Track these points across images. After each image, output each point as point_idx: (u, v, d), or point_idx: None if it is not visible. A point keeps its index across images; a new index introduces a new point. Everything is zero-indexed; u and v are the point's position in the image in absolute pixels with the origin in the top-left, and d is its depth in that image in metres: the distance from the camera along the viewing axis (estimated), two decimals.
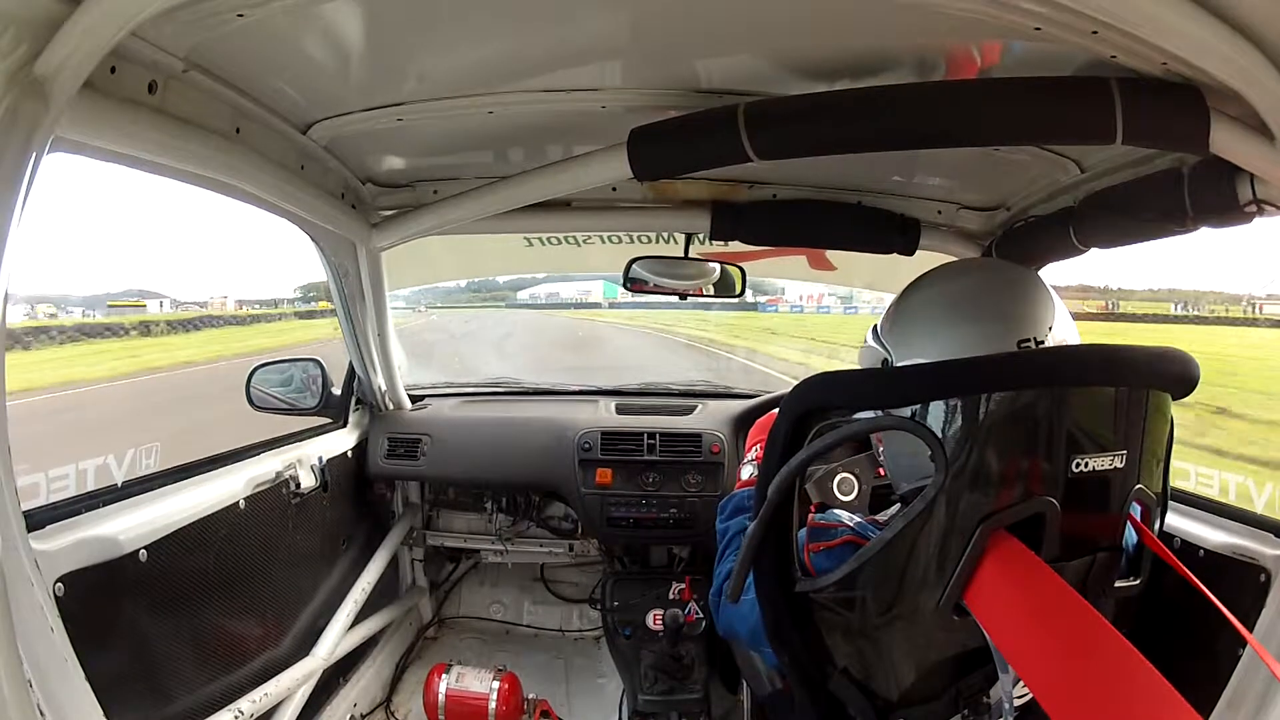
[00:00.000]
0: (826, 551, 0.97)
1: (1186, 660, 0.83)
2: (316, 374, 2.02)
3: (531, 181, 1.44)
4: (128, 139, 0.94)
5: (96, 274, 44.83)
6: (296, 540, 1.73)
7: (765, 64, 1.13)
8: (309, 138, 1.34)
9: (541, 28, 1.04)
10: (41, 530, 1.03)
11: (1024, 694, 0.97)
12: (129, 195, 33.49)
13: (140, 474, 1.33)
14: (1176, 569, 0.93)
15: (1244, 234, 1.21)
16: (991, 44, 1.01)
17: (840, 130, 1.08)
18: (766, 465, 0.98)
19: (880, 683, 0.97)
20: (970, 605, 0.87)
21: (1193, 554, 1.13)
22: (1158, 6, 0.76)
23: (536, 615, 2.53)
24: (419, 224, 1.65)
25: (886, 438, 1.02)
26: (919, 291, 1.06)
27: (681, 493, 2.04)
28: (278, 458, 1.69)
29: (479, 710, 1.90)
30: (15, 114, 0.72)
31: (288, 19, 0.94)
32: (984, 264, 1.07)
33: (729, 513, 1.24)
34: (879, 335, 1.05)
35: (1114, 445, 0.90)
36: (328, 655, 1.74)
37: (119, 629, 1.15)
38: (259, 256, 27.80)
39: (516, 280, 20.31)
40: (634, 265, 1.88)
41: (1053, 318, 0.95)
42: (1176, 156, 1.14)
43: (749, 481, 1.25)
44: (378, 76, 1.20)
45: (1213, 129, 0.91)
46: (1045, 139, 1.27)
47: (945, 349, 0.95)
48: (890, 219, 1.75)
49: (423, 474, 2.20)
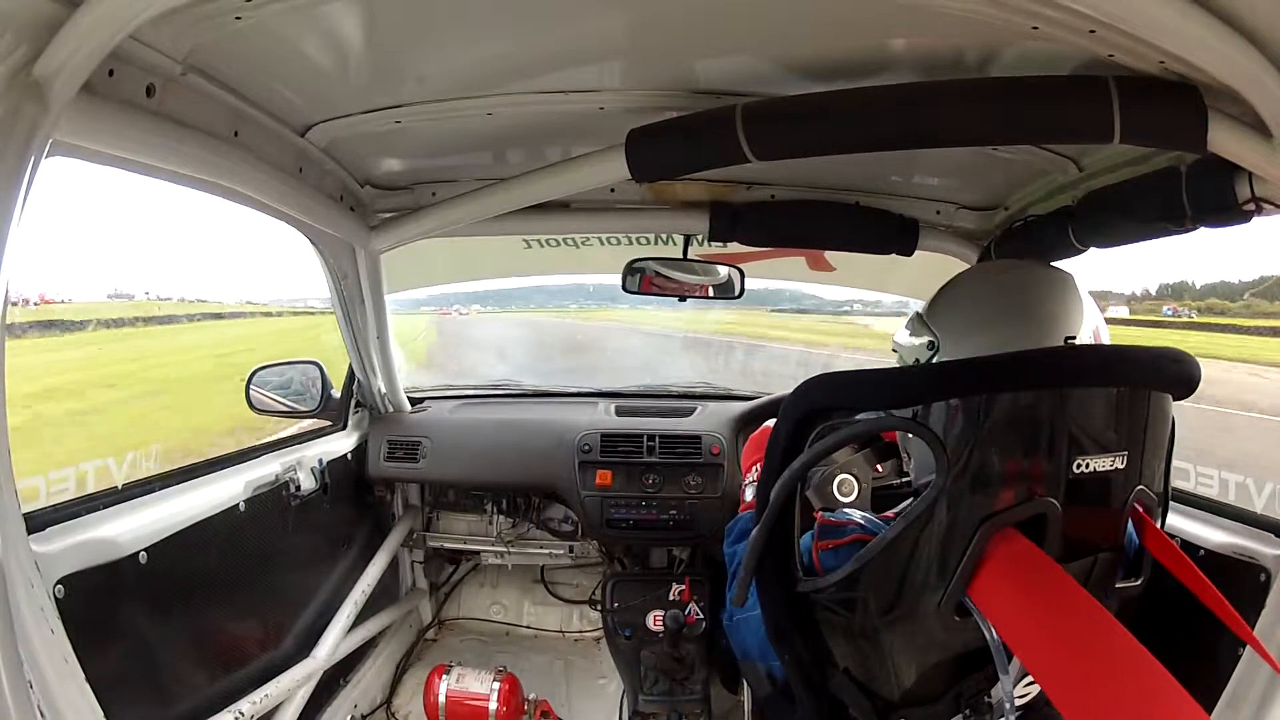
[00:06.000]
0: (835, 550, 0.97)
1: (1187, 659, 0.83)
2: (316, 376, 2.03)
3: (530, 183, 1.44)
4: (125, 142, 0.94)
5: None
6: (296, 542, 1.73)
7: (763, 64, 1.14)
8: (307, 140, 1.34)
9: (540, 29, 1.04)
10: (42, 532, 1.03)
11: (1025, 694, 0.97)
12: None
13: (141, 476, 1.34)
14: (1182, 570, 0.93)
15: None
16: (989, 43, 1.01)
17: (838, 130, 1.08)
18: (768, 467, 0.98)
19: (881, 683, 0.97)
20: (975, 603, 0.87)
21: (1193, 554, 1.13)
22: (1156, 6, 0.76)
23: (537, 616, 2.53)
24: (418, 226, 1.65)
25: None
26: (973, 284, 1.09)
27: (682, 494, 2.04)
28: (278, 460, 1.69)
29: (479, 711, 1.90)
30: (15, 116, 0.72)
31: (286, 21, 0.94)
32: (1028, 264, 1.12)
33: (735, 537, 1.24)
34: (925, 320, 1.07)
35: (1116, 446, 0.90)
36: (328, 657, 1.73)
37: (119, 631, 1.15)
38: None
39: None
40: (633, 267, 1.89)
41: (1085, 316, 0.98)
42: (1175, 155, 1.14)
43: (753, 504, 1.25)
44: (376, 79, 1.20)
45: (1211, 127, 0.91)
46: (1043, 138, 1.27)
47: (996, 342, 0.96)
48: (889, 219, 1.75)
49: (422, 476, 2.20)
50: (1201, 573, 0.92)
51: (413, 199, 1.71)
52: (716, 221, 1.74)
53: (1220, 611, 0.89)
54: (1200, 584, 0.92)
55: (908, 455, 1.09)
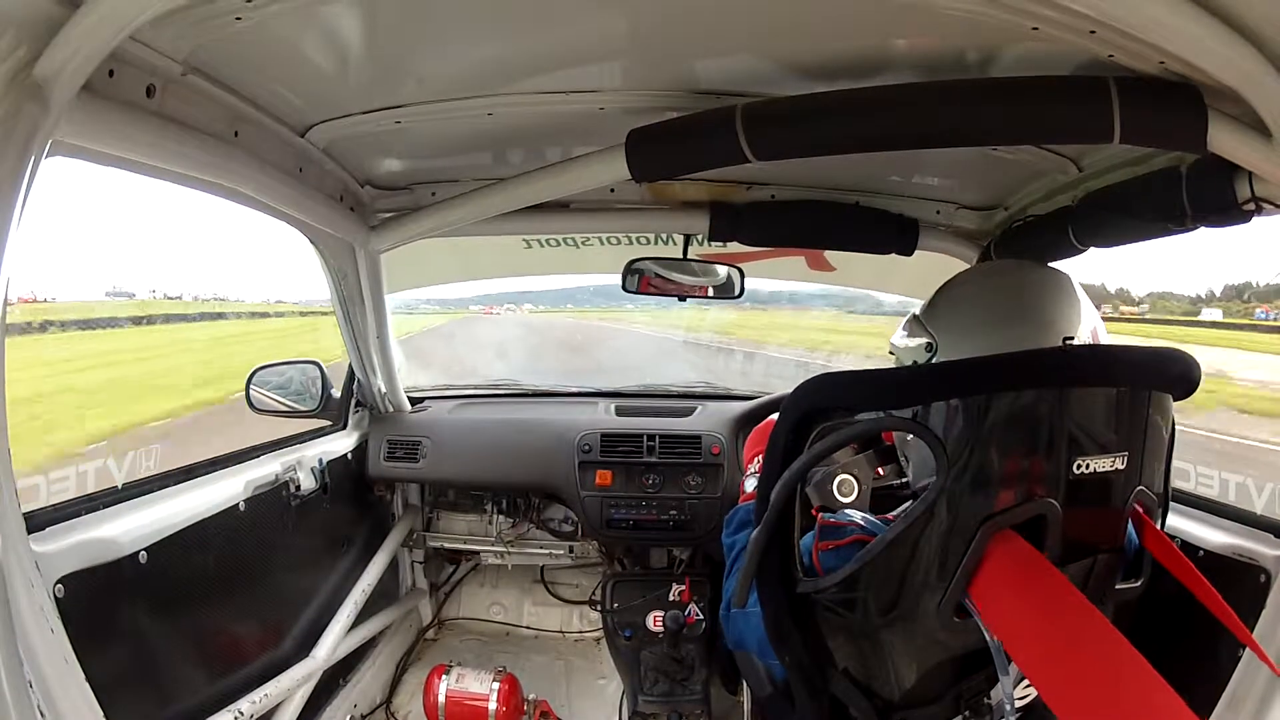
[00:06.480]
0: (835, 550, 0.97)
1: (1187, 660, 0.83)
2: (316, 376, 2.03)
3: (530, 183, 1.44)
4: (126, 142, 0.94)
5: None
6: (296, 542, 1.73)
7: (763, 64, 1.13)
8: (307, 140, 1.34)
9: (540, 29, 1.04)
10: (42, 532, 1.03)
11: (1025, 696, 0.97)
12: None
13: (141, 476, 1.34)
14: (1182, 571, 0.93)
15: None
16: (989, 44, 1.01)
17: (838, 131, 1.08)
18: (768, 468, 0.97)
19: (881, 684, 0.97)
20: (975, 604, 0.87)
21: (1192, 555, 1.13)
22: (1156, 6, 0.76)
23: (537, 617, 2.53)
24: (418, 226, 1.65)
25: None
26: (971, 285, 1.09)
27: (682, 494, 2.04)
28: (278, 460, 1.69)
29: (479, 711, 1.90)
30: (15, 117, 0.72)
31: (286, 22, 0.94)
32: (1025, 265, 1.12)
33: (734, 527, 1.24)
34: (923, 322, 1.07)
35: (1116, 446, 0.90)
36: (327, 656, 1.73)
37: (119, 630, 1.15)
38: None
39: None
40: (633, 267, 1.89)
41: (1082, 316, 0.99)
42: (1175, 155, 1.14)
43: (753, 495, 1.25)
44: (376, 79, 1.20)
45: (1210, 128, 0.91)
46: (1043, 138, 1.27)
47: (995, 344, 0.97)
48: (889, 219, 1.75)
49: (422, 476, 2.20)
50: (1201, 574, 0.92)
51: (412, 199, 1.71)
52: (716, 221, 1.74)
53: (1220, 613, 0.89)
54: (1200, 585, 0.92)
55: (906, 458, 1.08)
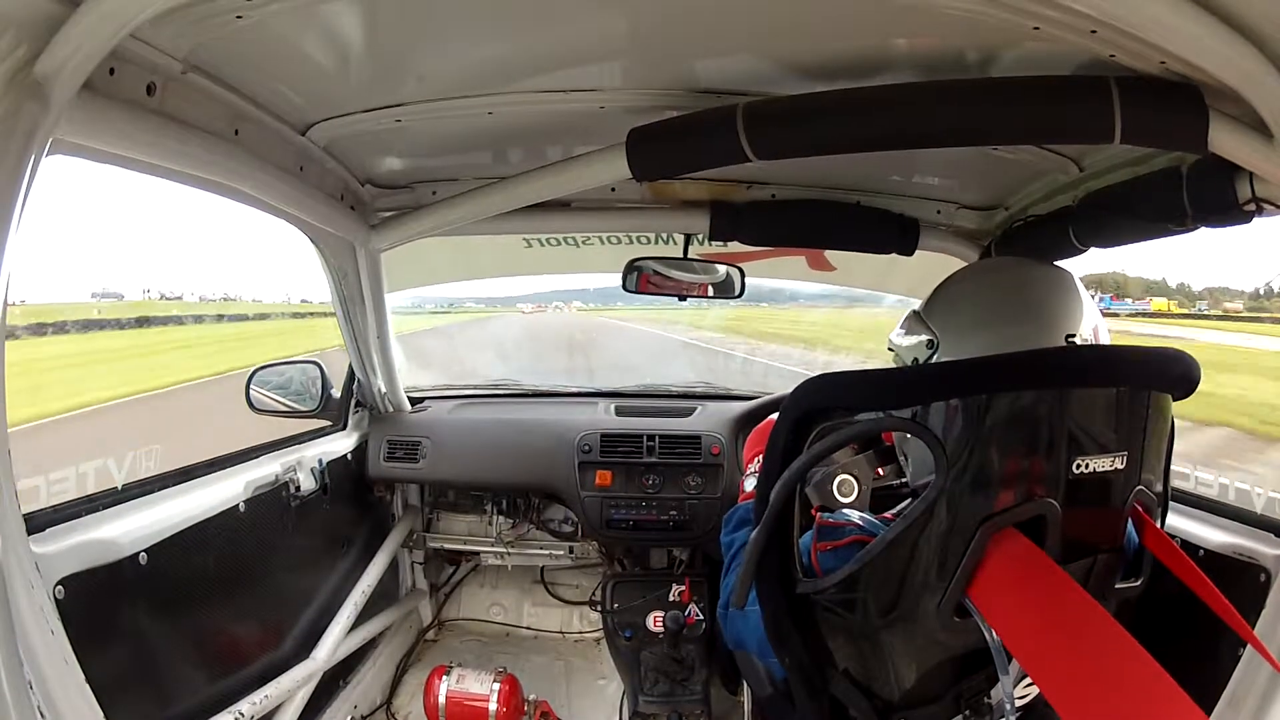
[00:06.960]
0: (834, 551, 0.97)
1: (1188, 659, 0.83)
2: (316, 376, 2.02)
3: (531, 182, 1.44)
4: (126, 141, 0.94)
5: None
6: (296, 543, 1.73)
7: (764, 64, 1.14)
8: (308, 139, 1.34)
9: (540, 28, 1.04)
10: (42, 533, 1.03)
11: (1025, 695, 0.97)
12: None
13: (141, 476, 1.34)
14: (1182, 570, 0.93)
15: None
16: (990, 43, 1.01)
17: (839, 130, 1.08)
18: (767, 468, 0.97)
19: (881, 684, 0.97)
20: (975, 603, 0.87)
21: (1193, 554, 1.13)
22: (1157, 6, 0.76)
23: (537, 617, 2.53)
24: (418, 225, 1.65)
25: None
26: (972, 282, 1.09)
27: (681, 495, 2.04)
28: (277, 460, 1.68)
29: (479, 712, 1.90)
30: (15, 115, 0.72)
31: (287, 20, 0.94)
32: (1025, 262, 1.12)
33: (733, 525, 1.24)
34: (923, 318, 1.07)
35: (1115, 446, 0.90)
36: (327, 657, 1.73)
37: (119, 631, 1.15)
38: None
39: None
40: (633, 266, 1.89)
41: (1084, 314, 0.98)
42: (1175, 156, 1.14)
43: (752, 495, 1.25)
44: (377, 77, 1.20)
45: (1211, 128, 0.91)
46: (1044, 138, 1.27)
47: (997, 341, 0.96)
48: (889, 219, 1.75)
49: (422, 476, 2.20)
50: (1202, 573, 0.92)
51: (413, 198, 1.71)
52: (717, 221, 1.74)
53: (1221, 611, 0.89)
54: (1201, 584, 0.92)
55: (905, 458, 1.08)
